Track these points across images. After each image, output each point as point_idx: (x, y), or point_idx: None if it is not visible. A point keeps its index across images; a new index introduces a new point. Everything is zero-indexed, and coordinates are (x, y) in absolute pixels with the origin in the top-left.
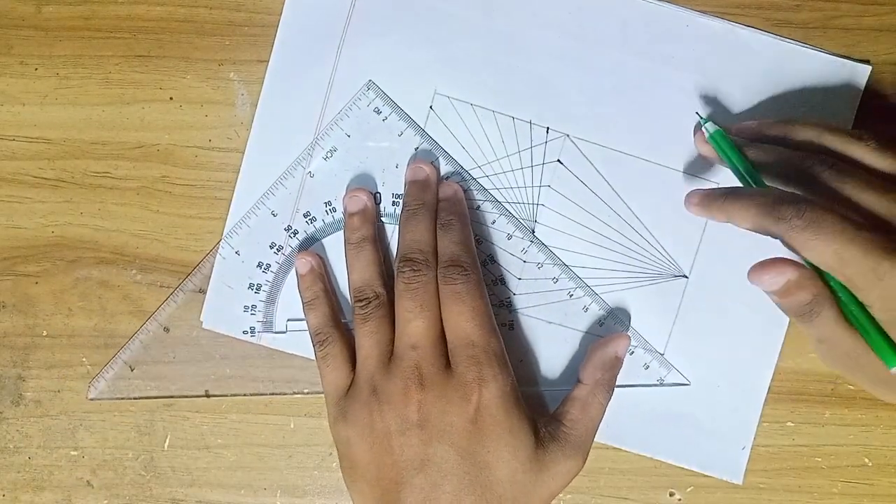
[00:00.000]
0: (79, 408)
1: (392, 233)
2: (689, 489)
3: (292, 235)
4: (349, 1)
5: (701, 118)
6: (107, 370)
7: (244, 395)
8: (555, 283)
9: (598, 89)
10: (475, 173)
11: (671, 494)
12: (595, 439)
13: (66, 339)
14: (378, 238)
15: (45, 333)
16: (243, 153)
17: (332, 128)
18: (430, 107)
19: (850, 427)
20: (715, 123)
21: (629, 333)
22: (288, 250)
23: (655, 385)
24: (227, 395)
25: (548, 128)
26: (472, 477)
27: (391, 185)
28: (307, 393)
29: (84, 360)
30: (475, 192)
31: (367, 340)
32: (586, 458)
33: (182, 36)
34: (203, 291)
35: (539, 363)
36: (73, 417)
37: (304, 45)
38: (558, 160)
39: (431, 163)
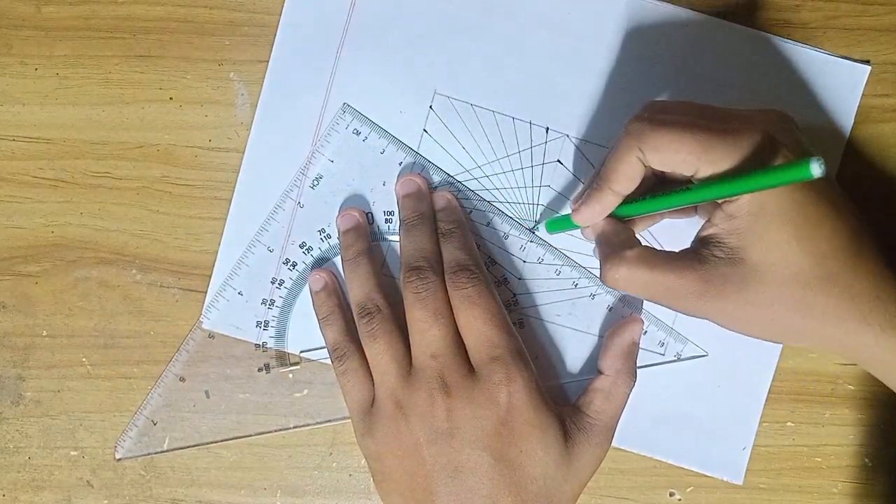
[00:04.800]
0: (79, 408)
1: (387, 250)
2: (689, 489)
3: (291, 268)
4: (349, 1)
5: (535, 229)
6: (130, 428)
7: (268, 432)
8: (558, 274)
9: (598, 89)
10: (475, 173)
11: (671, 494)
12: None
13: (66, 339)
14: (373, 252)
15: (45, 333)
16: (243, 153)
17: (315, 156)
18: (430, 107)
19: (850, 427)
20: (542, 222)
21: (641, 312)
22: (289, 283)
23: (674, 361)
24: (251, 435)
25: (548, 128)
26: (506, 478)
27: (381, 204)
28: (326, 422)
29: (84, 360)
30: (466, 198)
31: (381, 358)
32: (611, 442)
33: (182, 36)
34: (213, 336)
35: (555, 357)
36: (73, 417)
37: (304, 45)
38: (558, 160)
39: (419, 174)
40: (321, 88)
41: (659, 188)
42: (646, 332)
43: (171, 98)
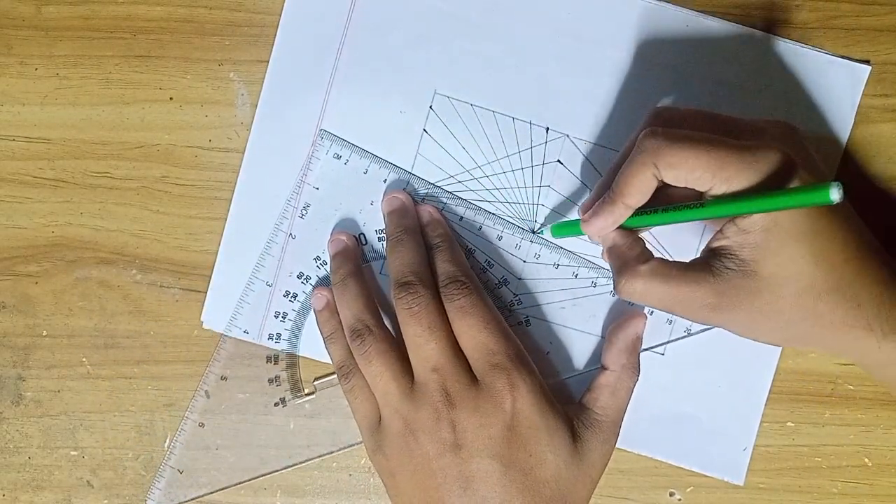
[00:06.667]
0: (79, 408)
1: (381, 268)
2: (689, 489)
3: (293, 300)
4: (349, 1)
5: (539, 232)
6: (158, 479)
7: (293, 465)
8: (556, 268)
9: (598, 89)
10: (475, 173)
11: (671, 494)
12: None
13: (66, 339)
14: (362, 273)
15: (45, 333)
16: (243, 153)
17: (300, 185)
18: (430, 107)
19: (850, 427)
20: (547, 226)
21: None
22: (293, 315)
23: (685, 336)
24: (278, 471)
25: (547, 128)
26: (518, 484)
27: (372, 223)
28: (348, 447)
29: (84, 360)
30: (455, 205)
31: (380, 379)
32: (618, 437)
33: (182, 36)
34: (225, 378)
35: (563, 352)
36: (73, 417)
37: (304, 45)
38: (558, 160)
39: (404, 189)
40: (321, 88)
41: (666, 198)
42: (652, 312)
43: (171, 98)
